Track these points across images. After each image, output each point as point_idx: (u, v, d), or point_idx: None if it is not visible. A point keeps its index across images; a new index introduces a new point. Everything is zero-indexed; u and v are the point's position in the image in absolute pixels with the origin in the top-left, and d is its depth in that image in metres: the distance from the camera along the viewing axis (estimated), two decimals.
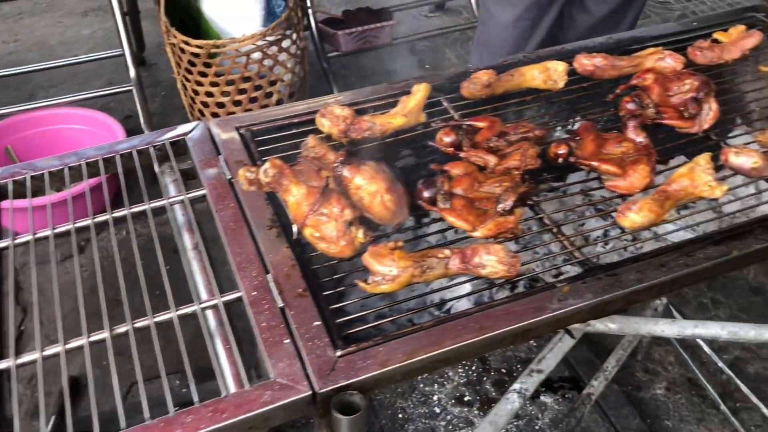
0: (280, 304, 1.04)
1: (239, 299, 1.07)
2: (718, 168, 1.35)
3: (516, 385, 1.55)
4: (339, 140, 1.35)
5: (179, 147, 1.36)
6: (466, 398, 2.26)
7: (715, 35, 1.65)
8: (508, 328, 1.02)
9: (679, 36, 1.67)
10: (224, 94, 3.04)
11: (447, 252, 1.09)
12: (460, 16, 4.29)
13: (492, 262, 1.08)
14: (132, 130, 3.27)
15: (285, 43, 3.04)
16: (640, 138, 1.30)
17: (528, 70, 1.49)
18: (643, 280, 1.10)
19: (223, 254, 1.17)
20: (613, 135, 1.34)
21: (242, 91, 3.04)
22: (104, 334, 1.02)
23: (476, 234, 1.16)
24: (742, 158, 1.26)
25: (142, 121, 3.25)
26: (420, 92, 1.39)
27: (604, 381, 2.11)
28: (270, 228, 1.16)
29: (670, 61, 1.52)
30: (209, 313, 1.08)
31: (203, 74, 3.00)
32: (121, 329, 1.03)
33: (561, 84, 1.49)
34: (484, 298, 1.37)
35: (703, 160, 1.27)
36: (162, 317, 1.04)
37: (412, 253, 1.09)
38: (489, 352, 2.22)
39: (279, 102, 3.13)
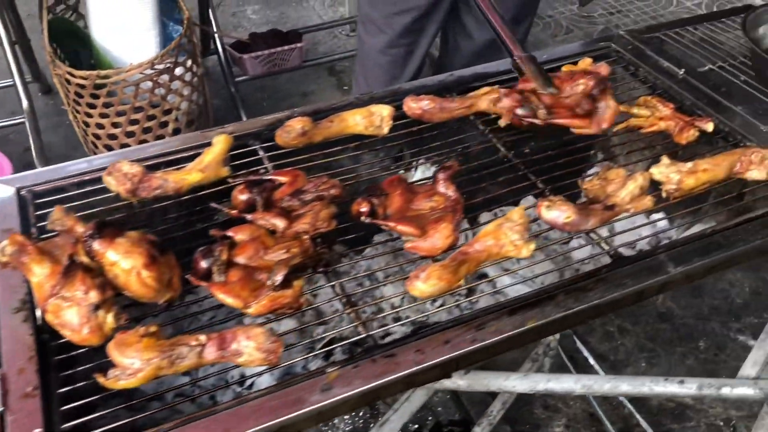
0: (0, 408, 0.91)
1: None
2: None
3: None
4: (129, 200, 1.23)
5: None
6: None
7: (564, 68, 1.55)
8: (255, 429, 0.90)
9: None
10: (115, 125, 2.91)
11: (202, 338, 0.97)
12: None
13: (250, 348, 0.96)
14: (31, 164, 3.13)
15: (178, 71, 2.91)
16: (450, 191, 1.20)
17: (350, 115, 1.38)
18: (422, 360, 0.98)
19: None
20: (424, 188, 1.23)
21: (134, 122, 2.91)
22: None
23: (250, 311, 1.04)
24: (554, 212, 1.15)
25: (34, 155, 3.10)
26: (218, 145, 1.27)
27: (489, 426, 2.00)
28: (17, 311, 1.04)
29: (506, 101, 1.41)
30: None
31: (92, 106, 2.86)
32: None
33: (386, 129, 1.38)
34: (297, 368, 1.26)
35: (517, 214, 1.17)
36: None
37: (163, 341, 0.97)
38: None
39: (176, 131, 3.00)
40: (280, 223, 1.13)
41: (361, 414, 2.24)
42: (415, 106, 1.40)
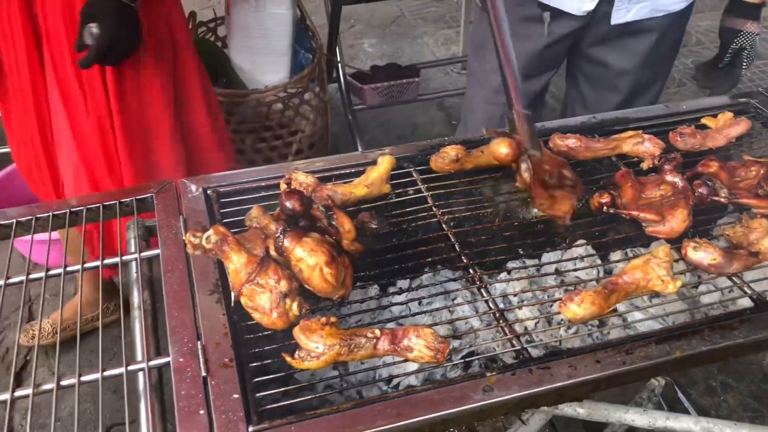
0: (203, 373, 1.05)
1: (167, 364, 1.08)
2: None
3: None
4: None
5: (149, 204, 1.40)
6: None
7: (703, 120, 1.62)
8: (425, 417, 1.00)
9: (665, 119, 1.64)
10: (244, 141, 3.12)
11: (377, 332, 1.09)
12: None
13: (420, 346, 1.07)
14: None
15: (307, 96, 3.11)
16: (678, 180, 1.35)
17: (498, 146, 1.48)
18: (574, 375, 1.06)
19: None
20: (651, 179, 1.39)
21: (262, 140, 3.12)
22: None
23: None
24: (701, 254, 1.22)
25: None
26: (383, 164, 1.40)
27: None
28: (212, 293, 1.18)
29: (649, 146, 1.49)
30: (140, 375, 1.10)
31: (226, 122, 3.09)
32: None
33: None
34: (436, 375, 1.35)
35: (662, 252, 1.24)
36: (88, 377, 1.07)
37: (342, 331, 1.09)
38: None
39: (298, 152, 3.19)
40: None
41: None
42: (561, 143, 1.49)
